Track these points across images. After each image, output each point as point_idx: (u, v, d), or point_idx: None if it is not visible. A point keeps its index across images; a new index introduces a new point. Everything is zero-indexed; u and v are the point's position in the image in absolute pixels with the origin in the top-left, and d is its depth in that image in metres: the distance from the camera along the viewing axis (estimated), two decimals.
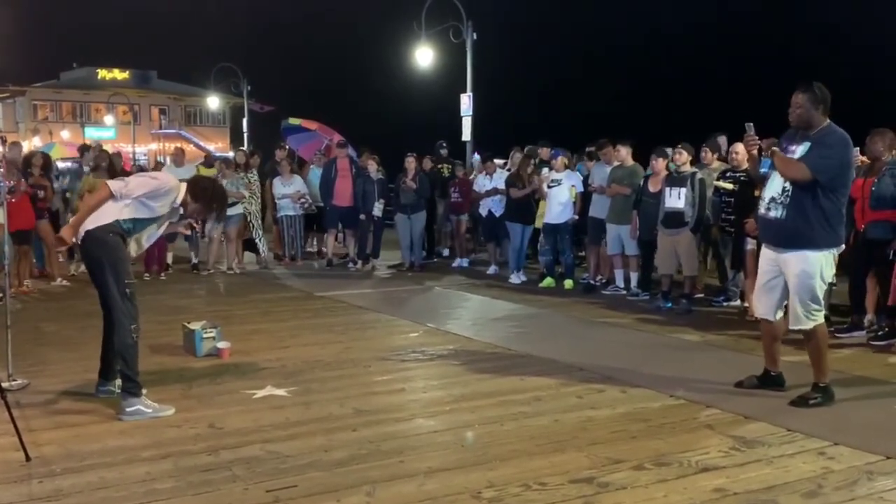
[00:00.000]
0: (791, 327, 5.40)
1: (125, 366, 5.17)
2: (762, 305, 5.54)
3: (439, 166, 13.54)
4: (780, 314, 5.49)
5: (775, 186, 5.31)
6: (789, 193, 5.21)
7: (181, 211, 5.55)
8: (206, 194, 5.57)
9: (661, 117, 42.11)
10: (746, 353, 6.76)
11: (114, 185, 5.28)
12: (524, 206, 10.90)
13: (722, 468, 4.22)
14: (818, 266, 5.20)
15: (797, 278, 5.23)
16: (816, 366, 5.37)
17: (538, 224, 10.94)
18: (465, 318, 8.64)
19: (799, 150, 5.21)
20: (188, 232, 6.16)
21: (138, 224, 5.35)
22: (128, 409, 5.09)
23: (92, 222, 5.19)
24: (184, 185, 5.48)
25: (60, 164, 17.41)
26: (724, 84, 51.38)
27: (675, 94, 53.94)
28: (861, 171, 7.24)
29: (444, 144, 14.10)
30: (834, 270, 5.42)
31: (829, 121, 5.27)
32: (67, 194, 12.15)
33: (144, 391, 5.22)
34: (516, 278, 10.93)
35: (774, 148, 5.31)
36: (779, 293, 5.41)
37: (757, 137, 5.55)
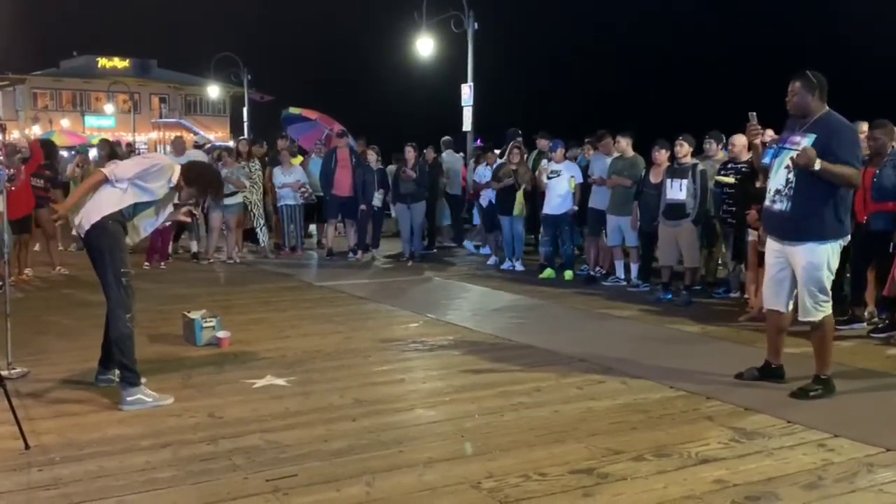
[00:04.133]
0: (800, 319, 5.39)
1: (122, 355, 5.17)
2: (771, 297, 5.52)
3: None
4: (791, 305, 5.47)
5: (780, 179, 5.28)
6: (793, 186, 5.18)
7: (177, 197, 5.54)
8: (200, 179, 5.56)
9: (663, 109, 42.01)
10: (747, 344, 6.76)
11: (106, 168, 5.32)
12: (509, 197, 10.94)
13: (722, 460, 4.22)
14: (825, 257, 5.19)
15: (804, 270, 5.22)
16: (820, 357, 5.37)
17: (517, 212, 10.93)
18: (465, 309, 8.63)
19: (804, 142, 5.17)
20: (188, 219, 6.15)
21: (138, 207, 5.35)
22: (128, 399, 5.09)
23: (95, 213, 5.18)
24: (178, 167, 5.45)
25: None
26: (727, 77, 51.24)
27: (677, 85, 53.78)
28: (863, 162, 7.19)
29: (520, 132, 13.48)
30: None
31: (827, 107, 5.26)
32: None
33: (144, 380, 5.22)
34: (509, 264, 11.01)
35: (819, 165, 5.03)
36: (787, 285, 5.40)
37: (759, 127, 5.53)
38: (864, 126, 7.78)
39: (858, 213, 7.20)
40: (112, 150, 12.03)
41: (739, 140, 8.37)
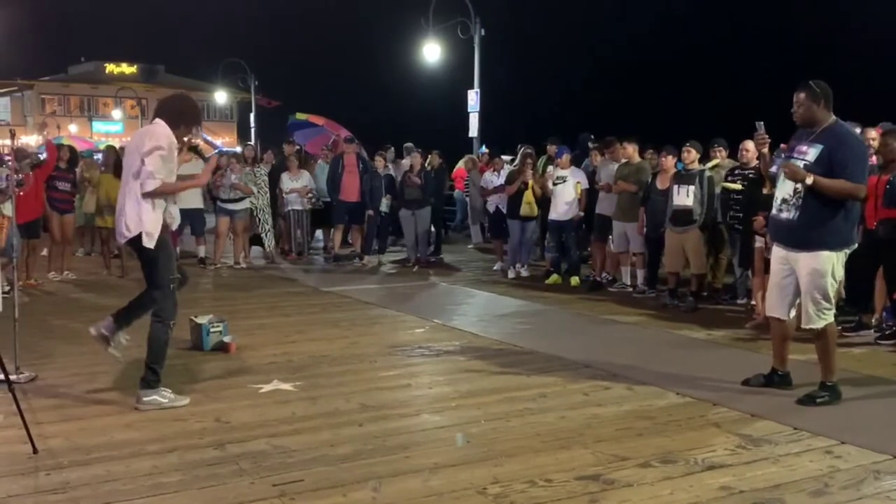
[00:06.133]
0: (802, 326, 5.39)
1: (152, 357, 5.20)
2: (774, 304, 5.52)
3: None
4: (792, 313, 5.47)
5: (787, 187, 5.28)
6: (801, 195, 5.18)
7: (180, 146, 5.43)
8: (178, 116, 5.35)
9: (669, 114, 42.00)
10: (753, 351, 6.76)
11: (151, 183, 5.12)
12: (520, 202, 10.93)
13: (728, 466, 4.22)
14: (829, 265, 5.18)
15: (808, 277, 5.22)
16: (824, 364, 5.36)
17: (524, 212, 10.87)
18: (471, 315, 8.64)
19: (811, 152, 5.18)
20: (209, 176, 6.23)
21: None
22: (144, 399, 5.14)
23: (155, 225, 5.16)
24: (169, 136, 5.25)
25: None
26: (734, 82, 51.27)
27: (683, 91, 53.77)
28: (875, 169, 7.16)
29: (592, 136, 13.11)
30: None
31: (834, 117, 5.26)
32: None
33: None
34: (513, 272, 11.01)
35: (811, 177, 5.08)
36: (791, 292, 5.39)
37: (766, 136, 5.53)
38: (873, 132, 7.74)
39: (868, 219, 7.17)
40: (118, 158, 12.00)
41: (751, 145, 8.35)
